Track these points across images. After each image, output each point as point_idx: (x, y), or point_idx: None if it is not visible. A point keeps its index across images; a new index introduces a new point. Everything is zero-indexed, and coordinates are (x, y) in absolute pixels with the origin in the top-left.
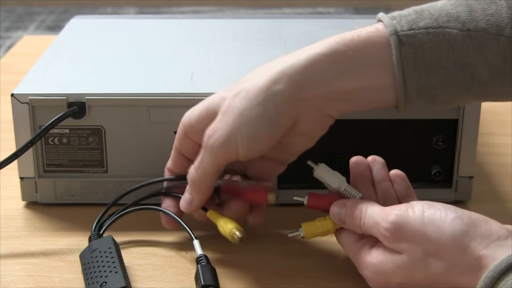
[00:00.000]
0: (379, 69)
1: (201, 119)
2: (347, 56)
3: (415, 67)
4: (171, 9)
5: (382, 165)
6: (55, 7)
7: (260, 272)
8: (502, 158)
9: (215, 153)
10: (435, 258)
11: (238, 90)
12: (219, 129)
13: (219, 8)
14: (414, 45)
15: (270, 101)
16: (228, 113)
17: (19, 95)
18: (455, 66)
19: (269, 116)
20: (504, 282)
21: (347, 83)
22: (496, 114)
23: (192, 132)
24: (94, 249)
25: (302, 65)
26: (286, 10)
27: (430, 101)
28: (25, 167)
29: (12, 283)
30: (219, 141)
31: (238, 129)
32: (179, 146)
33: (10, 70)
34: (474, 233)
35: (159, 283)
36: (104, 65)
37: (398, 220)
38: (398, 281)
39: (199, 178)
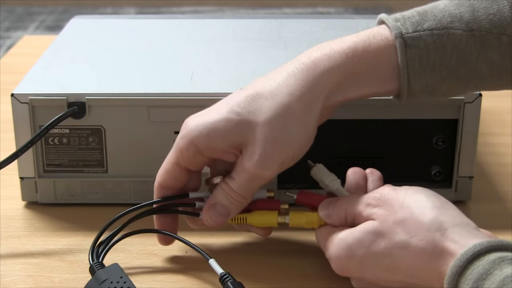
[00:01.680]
0: (387, 75)
1: (227, 143)
2: (361, 69)
3: (419, 67)
4: (171, 9)
5: (378, 177)
6: (55, 7)
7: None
8: (502, 158)
9: (264, 180)
10: (403, 228)
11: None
12: (267, 162)
13: (219, 8)
14: (419, 47)
15: (307, 122)
16: (270, 145)
17: (19, 95)
18: (457, 63)
19: (308, 134)
20: (470, 271)
21: (361, 91)
22: (496, 114)
23: (211, 151)
24: (103, 279)
25: (326, 80)
26: (286, 10)
27: (431, 94)
28: (25, 167)
29: (12, 283)
30: (269, 171)
31: (285, 155)
32: (185, 162)
33: (10, 70)
34: (445, 212)
35: (159, 283)
36: (104, 65)
37: (381, 194)
38: (361, 256)
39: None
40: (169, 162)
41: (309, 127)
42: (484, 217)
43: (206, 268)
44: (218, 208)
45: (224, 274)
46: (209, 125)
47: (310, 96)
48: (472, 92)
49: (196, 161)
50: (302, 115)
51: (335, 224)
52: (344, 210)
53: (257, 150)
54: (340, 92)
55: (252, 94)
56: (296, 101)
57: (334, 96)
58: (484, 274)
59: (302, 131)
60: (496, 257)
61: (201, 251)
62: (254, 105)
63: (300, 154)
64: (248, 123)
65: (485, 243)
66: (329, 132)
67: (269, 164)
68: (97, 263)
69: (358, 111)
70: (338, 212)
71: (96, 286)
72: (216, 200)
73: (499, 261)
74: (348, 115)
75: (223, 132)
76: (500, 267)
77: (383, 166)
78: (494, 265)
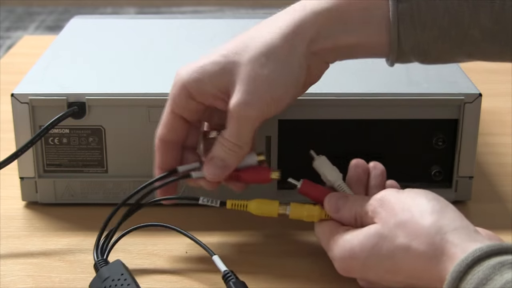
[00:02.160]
0: (378, 25)
1: (215, 85)
2: (351, 13)
3: (411, 24)
4: (171, 9)
5: (381, 172)
6: (55, 7)
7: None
8: (502, 158)
9: (250, 121)
10: (403, 231)
11: (251, 54)
12: (249, 99)
13: (219, 8)
14: (411, 3)
15: (291, 62)
16: (253, 82)
17: (19, 95)
18: (449, 24)
19: (293, 77)
20: (470, 276)
21: (351, 39)
22: (496, 114)
23: (202, 95)
24: (106, 277)
25: (312, 21)
26: None
27: (422, 56)
28: (25, 167)
29: (12, 283)
30: (253, 110)
31: (268, 95)
32: (179, 109)
33: (10, 70)
34: (444, 215)
35: (159, 283)
36: (104, 65)
37: (384, 196)
38: (363, 259)
39: (234, 142)
40: (165, 114)
41: (292, 67)
42: (484, 217)
43: (206, 268)
44: (215, 161)
45: (228, 272)
46: (198, 69)
47: (293, 35)
48: (465, 61)
49: (190, 108)
50: (284, 54)
51: (343, 222)
52: (354, 212)
53: (239, 87)
54: (328, 37)
55: (240, 37)
56: (278, 38)
57: (322, 40)
58: (484, 279)
59: (285, 70)
60: (496, 262)
61: (206, 247)
62: (240, 46)
63: (285, 97)
64: (234, 64)
65: (485, 248)
66: (329, 132)
67: (252, 102)
68: (101, 260)
69: (358, 111)
70: (350, 211)
71: (99, 285)
72: (213, 153)
73: (500, 266)
74: (348, 115)
75: (211, 75)
76: (501, 272)
77: (383, 166)
78: (495, 270)
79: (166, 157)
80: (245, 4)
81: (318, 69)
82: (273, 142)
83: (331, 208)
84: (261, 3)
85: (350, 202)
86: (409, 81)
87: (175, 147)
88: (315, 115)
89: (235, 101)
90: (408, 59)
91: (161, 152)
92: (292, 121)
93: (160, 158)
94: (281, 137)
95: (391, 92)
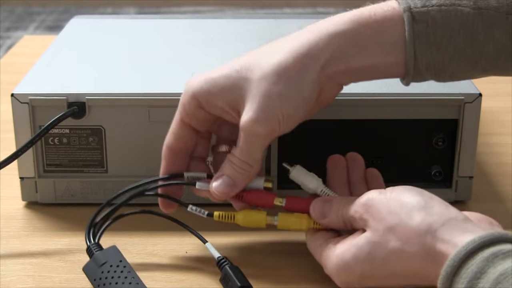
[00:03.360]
0: (393, 46)
1: (225, 99)
2: (365, 36)
3: (426, 43)
4: (171, 9)
5: (360, 164)
6: (55, 7)
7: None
8: (502, 158)
9: (260, 139)
10: (394, 235)
11: (263, 72)
12: (260, 117)
13: (219, 8)
14: (427, 22)
15: (303, 82)
16: (264, 99)
17: (19, 95)
18: (465, 42)
19: (304, 96)
20: (464, 270)
21: (365, 60)
22: (496, 114)
23: (211, 107)
24: (103, 262)
25: (326, 44)
26: (286, 10)
27: (437, 75)
28: (25, 167)
29: (12, 283)
30: (263, 128)
31: (279, 113)
32: (188, 118)
33: (10, 70)
34: (431, 211)
35: (159, 283)
36: (104, 65)
37: (368, 200)
38: (360, 270)
39: (244, 160)
40: (174, 122)
41: (304, 86)
42: None
43: (206, 268)
44: (225, 179)
45: (222, 258)
46: (210, 80)
47: (307, 56)
48: (480, 76)
49: (199, 117)
50: (297, 74)
51: (332, 227)
52: (341, 215)
53: (250, 105)
54: (343, 59)
55: (254, 53)
56: (292, 58)
57: (335, 62)
58: (478, 273)
59: (296, 89)
60: (489, 253)
61: (197, 234)
62: (254, 63)
63: (295, 115)
64: (245, 80)
65: (477, 240)
66: (329, 132)
67: (263, 119)
68: (95, 244)
69: (358, 111)
70: (337, 216)
71: (95, 270)
72: (223, 171)
73: (492, 258)
74: (348, 115)
75: (222, 89)
76: (494, 265)
77: (383, 166)
78: (488, 263)
79: (172, 165)
80: (245, 4)
81: (332, 91)
82: (273, 142)
83: (317, 215)
84: (261, 3)
85: (335, 207)
86: None
87: (182, 156)
88: (315, 115)
89: (246, 118)
90: (424, 78)
91: (167, 160)
92: None
93: (166, 166)
94: (281, 137)
95: (391, 92)
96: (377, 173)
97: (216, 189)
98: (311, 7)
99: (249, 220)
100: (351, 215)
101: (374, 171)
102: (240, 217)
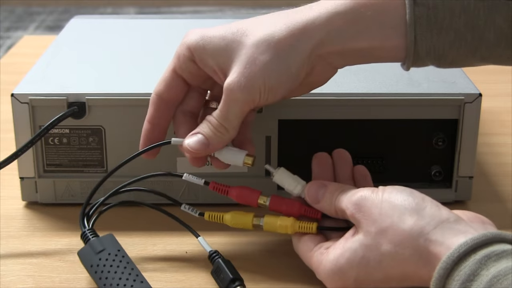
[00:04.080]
0: (393, 29)
1: (216, 59)
2: (366, 17)
3: (427, 27)
4: (171, 9)
5: (347, 161)
6: (55, 7)
7: (268, 267)
8: (502, 158)
9: (239, 104)
10: (386, 238)
11: (256, 39)
12: (242, 82)
13: (219, 8)
14: (428, 6)
15: (292, 57)
16: (249, 66)
17: (19, 95)
18: (465, 27)
19: (290, 71)
20: (457, 273)
21: (362, 42)
22: (496, 114)
23: (202, 64)
24: (100, 250)
25: (323, 22)
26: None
27: (438, 60)
28: (25, 167)
29: (12, 283)
30: (243, 94)
31: (261, 82)
32: (180, 69)
33: (10, 70)
34: (423, 213)
35: (159, 283)
36: (104, 65)
37: (360, 200)
38: (354, 275)
39: (220, 122)
40: (166, 70)
41: (292, 62)
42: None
43: (206, 268)
44: (198, 137)
45: (213, 252)
46: (206, 38)
47: (302, 32)
48: (479, 64)
49: (190, 70)
50: (287, 47)
51: (324, 212)
52: (334, 205)
53: (236, 68)
54: (339, 39)
55: (254, 20)
56: (286, 31)
57: (331, 42)
58: (471, 275)
59: (283, 62)
60: (482, 255)
61: (190, 228)
62: (250, 28)
63: (278, 89)
64: (238, 43)
65: (470, 242)
66: (329, 132)
67: (244, 85)
68: (90, 229)
69: (358, 111)
70: (330, 204)
71: (92, 256)
72: (199, 129)
73: (485, 260)
74: (348, 115)
75: (215, 48)
76: (487, 267)
77: (383, 166)
78: (481, 265)
79: (157, 112)
80: (245, 4)
81: (323, 73)
82: (273, 142)
83: (311, 199)
84: (261, 3)
85: (329, 193)
86: (409, 81)
87: (169, 106)
88: (315, 115)
89: (229, 81)
90: (424, 63)
91: (154, 107)
92: (292, 121)
93: (152, 112)
94: (281, 137)
95: (391, 92)
96: (365, 171)
97: (188, 144)
98: None
99: (236, 221)
100: (343, 209)
101: (362, 169)
102: (227, 218)
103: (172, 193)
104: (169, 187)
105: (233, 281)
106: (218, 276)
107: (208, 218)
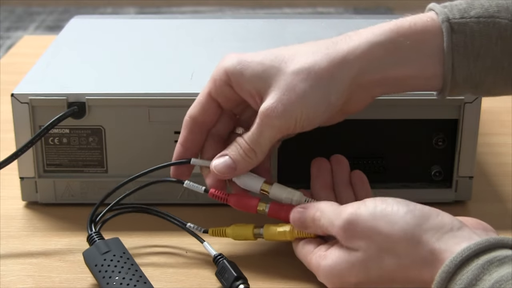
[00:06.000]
0: (431, 58)
1: (253, 84)
2: (405, 46)
3: (464, 54)
4: (171, 9)
5: (344, 166)
6: (55, 7)
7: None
8: (502, 158)
9: (274, 130)
10: (389, 253)
11: (296, 67)
12: (279, 108)
13: (219, 8)
14: (465, 33)
15: (332, 86)
16: (288, 93)
17: (19, 95)
18: (502, 54)
19: (329, 100)
20: (459, 277)
21: (401, 71)
22: (496, 114)
23: (239, 87)
24: (105, 251)
25: (364, 52)
26: (286, 10)
27: (474, 88)
28: (25, 167)
29: (12, 283)
30: (279, 120)
31: (299, 110)
32: (216, 93)
33: (10, 70)
34: (426, 226)
35: (159, 283)
36: (104, 65)
37: (351, 218)
38: (354, 281)
39: (251, 146)
40: (202, 93)
41: (331, 91)
42: (484, 217)
43: (206, 268)
44: (226, 159)
45: (218, 255)
46: (244, 62)
47: (342, 62)
48: None
49: (226, 94)
50: (327, 77)
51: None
52: (324, 230)
53: (274, 94)
54: (379, 68)
55: (291, 48)
56: (327, 61)
57: (371, 71)
58: (473, 279)
59: (322, 92)
60: (485, 260)
61: (194, 234)
62: (289, 57)
63: (315, 118)
64: (278, 70)
65: (473, 247)
66: (329, 132)
67: (281, 111)
68: (97, 232)
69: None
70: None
71: (97, 256)
72: (227, 151)
73: (488, 265)
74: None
75: (253, 73)
76: (489, 272)
77: (383, 166)
78: (483, 270)
79: (191, 135)
80: (245, 4)
81: (360, 102)
82: (277, 144)
83: (299, 227)
84: (261, 3)
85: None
86: None
87: (202, 129)
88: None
89: (266, 105)
90: (461, 91)
91: (188, 130)
92: None
93: (185, 135)
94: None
95: None
96: (362, 176)
97: (215, 167)
98: (311, 7)
99: (238, 234)
100: (335, 231)
101: (360, 174)
102: (229, 231)
103: (173, 194)
104: (170, 188)
105: (236, 279)
106: (222, 276)
107: (212, 234)
